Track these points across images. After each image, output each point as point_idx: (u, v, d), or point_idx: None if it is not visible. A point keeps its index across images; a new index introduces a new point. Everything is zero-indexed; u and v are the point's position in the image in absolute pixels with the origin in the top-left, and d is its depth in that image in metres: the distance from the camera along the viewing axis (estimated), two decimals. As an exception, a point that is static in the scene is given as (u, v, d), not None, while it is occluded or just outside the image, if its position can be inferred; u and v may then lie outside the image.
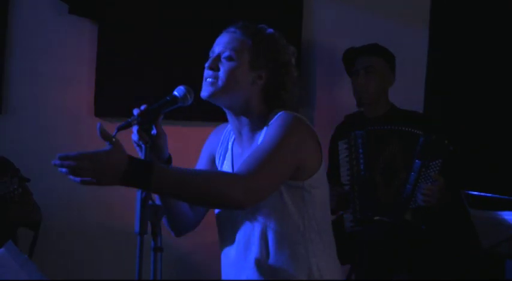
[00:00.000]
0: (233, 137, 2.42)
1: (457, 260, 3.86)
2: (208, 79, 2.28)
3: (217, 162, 2.47)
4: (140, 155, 2.14)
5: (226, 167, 2.41)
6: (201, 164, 2.49)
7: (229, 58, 2.28)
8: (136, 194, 2.01)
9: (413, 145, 3.49)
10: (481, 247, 2.88)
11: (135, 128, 2.13)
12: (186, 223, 2.44)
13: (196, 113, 4.04)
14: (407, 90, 4.13)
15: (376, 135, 3.60)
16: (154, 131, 2.18)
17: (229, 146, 2.43)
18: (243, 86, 2.29)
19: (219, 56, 2.30)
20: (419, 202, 3.42)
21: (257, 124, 2.33)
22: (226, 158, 2.43)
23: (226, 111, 2.37)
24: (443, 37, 4.21)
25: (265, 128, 2.29)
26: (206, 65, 2.31)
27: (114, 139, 1.94)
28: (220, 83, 2.27)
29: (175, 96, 2.21)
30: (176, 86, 2.27)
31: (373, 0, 4.32)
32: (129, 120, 2.12)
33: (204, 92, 2.29)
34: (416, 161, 3.45)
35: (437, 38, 4.21)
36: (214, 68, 2.28)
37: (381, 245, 3.46)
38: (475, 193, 2.77)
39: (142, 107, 2.15)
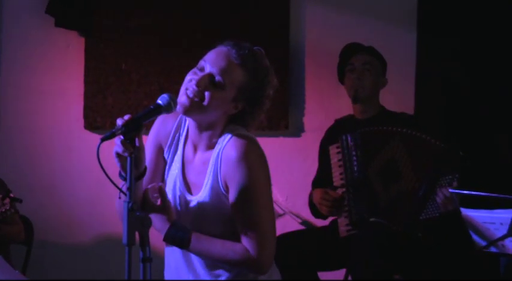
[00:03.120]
0: (183, 138, 2.42)
1: (451, 260, 3.84)
2: (190, 95, 2.27)
3: (165, 155, 2.46)
4: (119, 166, 2.15)
5: (175, 170, 2.41)
6: (149, 154, 2.46)
7: (219, 84, 2.28)
8: (123, 205, 2.00)
9: (416, 148, 3.47)
10: (474, 246, 2.87)
11: (117, 140, 2.11)
12: None
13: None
14: (398, 93, 4.13)
15: (372, 136, 3.59)
16: (137, 142, 2.16)
17: (180, 149, 2.42)
18: (218, 111, 2.31)
19: (210, 77, 2.28)
20: (438, 201, 3.36)
21: (214, 140, 2.36)
22: (175, 161, 2.42)
23: (191, 121, 2.38)
24: (431, 39, 4.21)
25: (217, 150, 2.31)
26: (194, 79, 2.28)
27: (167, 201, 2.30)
28: (202, 103, 2.27)
29: (158, 104, 2.19)
30: (164, 96, 2.25)
31: (361, 2, 4.32)
32: (113, 130, 2.08)
33: (185, 107, 2.27)
34: (431, 172, 3.41)
35: (425, 40, 4.22)
36: (201, 86, 2.27)
37: (376, 248, 3.44)
38: (466, 191, 2.77)
39: (126, 117, 2.13)
